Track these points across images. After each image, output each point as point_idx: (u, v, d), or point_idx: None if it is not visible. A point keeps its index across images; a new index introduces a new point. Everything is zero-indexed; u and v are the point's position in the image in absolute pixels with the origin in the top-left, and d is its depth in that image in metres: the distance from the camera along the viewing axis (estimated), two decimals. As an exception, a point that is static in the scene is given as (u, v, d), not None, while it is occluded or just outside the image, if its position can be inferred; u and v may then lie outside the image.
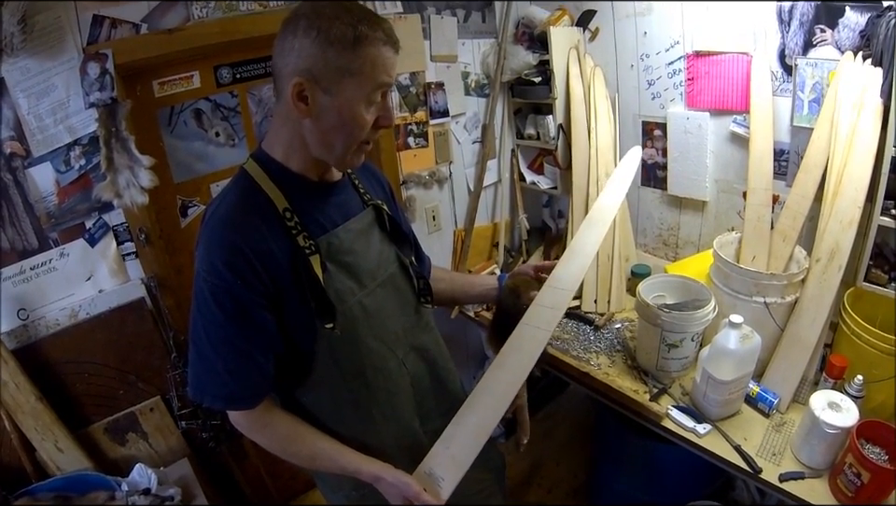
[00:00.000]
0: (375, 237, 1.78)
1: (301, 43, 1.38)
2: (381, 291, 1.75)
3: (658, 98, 3.15)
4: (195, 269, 1.50)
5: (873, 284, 2.36)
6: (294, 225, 1.53)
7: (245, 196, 1.53)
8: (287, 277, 1.51)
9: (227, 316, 1.46)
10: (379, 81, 1.46)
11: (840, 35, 2.39)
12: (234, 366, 1.51)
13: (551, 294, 1.88)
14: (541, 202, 4.21)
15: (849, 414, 1.99)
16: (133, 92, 2.48)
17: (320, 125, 1.47)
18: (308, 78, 1.39)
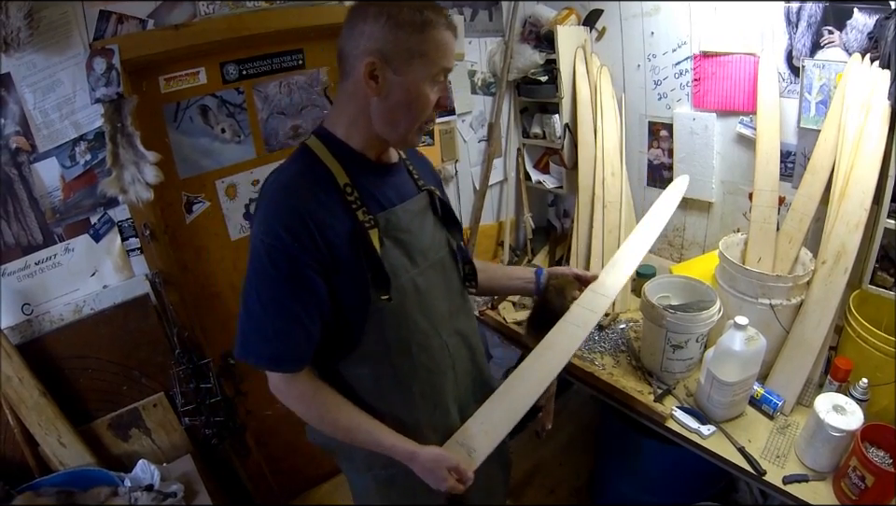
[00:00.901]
0: (429, 220, 1.83)
1: (372, 27, 1.47)
2: (431, 272, 1.79)
3: (665, 98, 3.15)
4: (252, 233, 1.54)
5: (878, 287, 2.36)
6: (354, 200, 1.58)
7: (307, 169, 1.59)
8: (344, 249, 1.55)
9: (281, 276, 1.50)
10: (443, 63, 1.56)
11: (848, 37, 2.39)
12: (282, 327, 1.55)
13: (592, 298, 2.07)
14: (547, 201, 4.21)
15: (854, 418, 1.99)
16: (139, 88, 2.47)
17: (388, 103, 1.55)
18: (379, 58, 1.48)
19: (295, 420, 3.29)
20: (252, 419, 3.16)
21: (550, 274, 2.18)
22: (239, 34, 2.54)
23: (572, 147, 3.45)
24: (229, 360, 2.97)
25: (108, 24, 2.27)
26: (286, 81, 2.88)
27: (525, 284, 2.23)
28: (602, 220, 3.24)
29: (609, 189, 3.24)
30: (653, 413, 2.42)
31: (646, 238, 2.27)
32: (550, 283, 2.13)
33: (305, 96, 2.96)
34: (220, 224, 2.87)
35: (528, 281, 2.21)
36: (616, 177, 3.25)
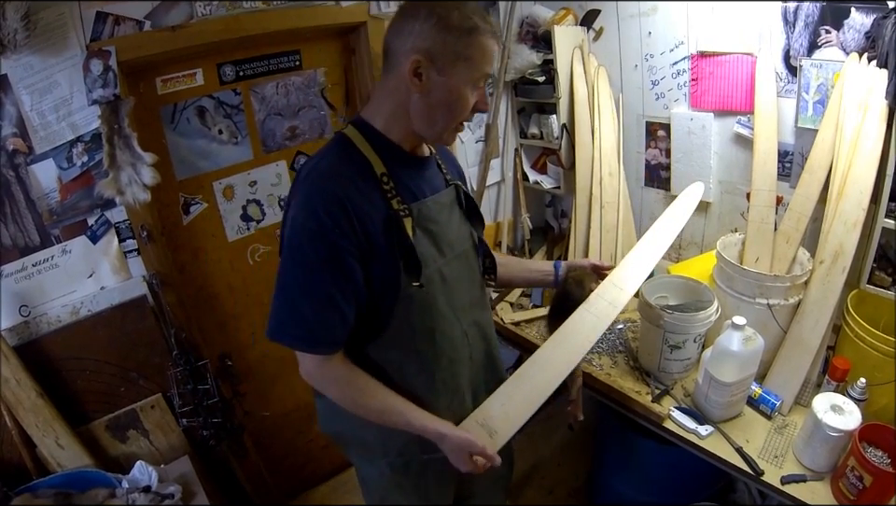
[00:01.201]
0: (455, 213, 1.89)
1: (422, 26, 1.54)
2: (456, 263, 1.85)
3: (662, 98, 3.14)
4: (289, 217, 1.59)
5: (876, 286, 2.36)
6: (390, 189, 1.64)
7: (344, 156, 1.65)
8: (379, 235, 1.60)
9: (320, 260, 1.54)
10: (485, 69, 1.63)
11: (845, 37, 2.39)
12: (319, 309, 1.58)
13: (611, 290, 2.13)
14: (544, 201, 4.21)
15: (852, 417, 1.99)
16: (136, 90, 2.47)
17: (429, 101, 1.61)
18: (426, 57, 1.54)
19: (293, 421, 3.31)
20: (250, 420, 3.16)
21: (568, 266, 2.27)
22: (236, 35, 2.53)
23: (570, 148, 3.45)
24: (226, 361, 2.97)
25: (105, 26, 2.27)
26: (283, 82, 2.88)
27: (543, 276, 2.31)
28: (600, 220, 3.25)
29: (606, 189, 3.24)
30: (651, 413, 2.42)
31: (661, 241, 2.31)
32: (569, 274, 2.22)
33: (302, 97, 2.96)
34: (218, 225, 2.86)
35: (547, 274, 2.29)
36: (613, 178, 3.26)
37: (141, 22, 2.34)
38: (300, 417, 3.45)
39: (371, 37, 2.91)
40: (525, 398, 1.86)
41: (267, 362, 3.21)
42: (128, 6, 2.29)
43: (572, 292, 2.14)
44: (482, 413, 1.85)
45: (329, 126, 3.10)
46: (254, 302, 3.08)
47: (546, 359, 1.95)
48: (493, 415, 1.83)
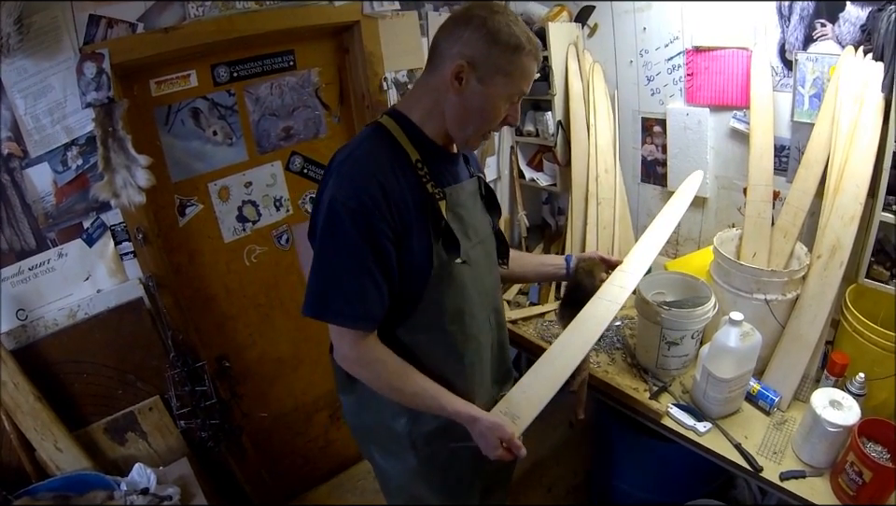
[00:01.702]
0: (478, 202, 1.98)
1: (472, 35, 1.62)
2: (480, 248, 1.93)
3: (657, 94, 3.14)
4: (325, 199, 1.64)
5: (874, 280, 2.35)
6: (424, 175, 1.72)
7: (382, 143, 1.72)
8: (413, 219, 1.68)
9: (361, 237, 1.60)
10: (522, 87, 1.71)
11: (841, 30, 2.39)
12: (360, 285, 1.65)
13: (621, 276, 2.23)
14: (541, 199, 4.20)
15: (851, 413, 1.99)
16: (130, 92, 2.46)
17: (464, 104, 1.69)
18: (469, 63, 1.62)
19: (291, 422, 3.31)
20: (248, 421, 3.16)
21: (579, 258, 2.34)
22: (229, 36, 2.53)
23: (565, 145, 3.44)
24: (224, 363, 2.97)
25: (98, 29, 2.26)
26: (277, 83, 2.88)
27: (556, 270, 2.38)
28: (596, 217, 3.25)
29: (602, 185, 3.24)
30: (649, 410, 2.43)
31: (661, 231, 2.38)
32: (579, 266, 2.30)
33: (297, 97, 2.95)
34: (213, 227, 2.85)
35: (559, 267, 2.36)
36: (609, 174, 3.26)
37: (134, 25, 2.33)
38: (298, 418, 3.45)
39: (365, 36, 2.91)
40: (544, 382, 1.92)
41: (265, 363, 3.21)
42: (121, 8, 2.28)
43: (583, 282, 2.23)
44: (504, 403, 1.90)
45: (323, 126, 3.09)
46: (251, 303, 3.08)
47: (564, 346, 2.02)
48: (516, 403, 1.88)
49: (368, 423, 2.03)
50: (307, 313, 1.69)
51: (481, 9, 1.65)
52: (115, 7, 2.28)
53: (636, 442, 2.78)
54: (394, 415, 1.91)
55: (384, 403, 1.89)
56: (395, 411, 1.90)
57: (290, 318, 3.24)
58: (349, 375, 1.93)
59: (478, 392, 1.97)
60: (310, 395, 3.45)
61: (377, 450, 2.09)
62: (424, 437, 1.94)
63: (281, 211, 3.06)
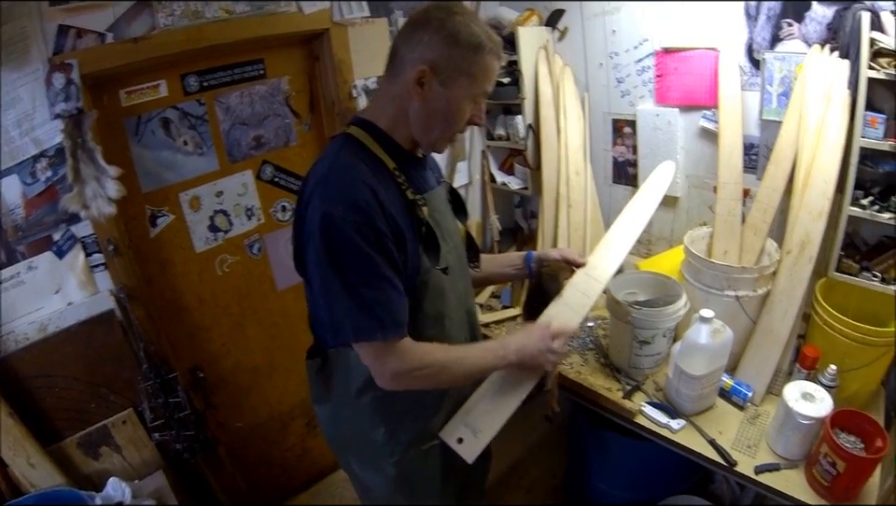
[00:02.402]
0: (449, 207, 1.99)
1: (432, 38, 1.61)
2: (454, 253, 1.92)
3: (627, 95, 3.18)
4: (317, 217, 1.57)
5: (844, 274, 2.37)
6: (402, 181, 1.71)
7: (357, 154, 1.68)
8: (402, 223, 1.66)
9: (371, 247, 1.57)
10: (485, 87, 1.72)
11: (807, 29, 2.42)
12: (381, 294, 1.61)
13: (585, 281, 2.16)
14: (513, 202, 4.23)
15: (823, 404, 2.00)
16: (100, 102, 2.45)
17: (427, 109, 1.68)
18: (430, 68, 1.62)
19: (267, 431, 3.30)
20: (224, 432, 3.14)
21: (539, 258, 2.27)
22: (199, 45, 2.52)
23: (536, 148, 3.47)
24: (198, 374, 2.95)
25: (67, 39, 2.25)
26: (247, 92, 2.87)
27: (516, 270, 2.34)
28: (567, 220, 3.26)
29: (573, 188, 3.26)
30: (622, 409, 2.43)
31: (634, 226, 2.32)
32: (542, 270, 2.23)
33: (267, 106, 2.95)
34: (185, 237, 2.84)
35: (521, 267, 2.31)
36: (580, 176, 3.27)
37: (103, 35, 2.32)
38: (274, 427, 3.43)
39: (334, 44, 2.91)
40: (505, 396, 1.91)
41: (239, 373, 3.19)
42: (90, 18, 2.27)
43: (546, 286, 2.17)
44: (464, 413, 1.90)
45: (294, 134, 3.09)
46: (223, 312, 3.06)
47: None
48: (475, 414, 1.88)
49: (345, 434, 2.00)
50: (339, 342, 1.67)
51: (438, 11, 1.65)
52: (84, 17, 2.27)
53: (611, 442, 2.79)
54: (372, 426, 1.89)
55: (361, 413, 1.88)
56: (373, 421, 1.88)
57: (263, 327, 3.23)
58: (324, 385, 1.95)
59: (454, 393, 1.96)
60: (285, 404, 3.43)
61: (355, 461, 2.07)
62: (402, 446, 1.91)
63: (252, 220, 3.04)
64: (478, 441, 1.83)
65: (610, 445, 2.82)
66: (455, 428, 1.88)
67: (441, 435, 1.90)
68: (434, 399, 1.91)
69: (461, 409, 1.92)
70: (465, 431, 1.85)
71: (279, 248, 3.13)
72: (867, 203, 2.25)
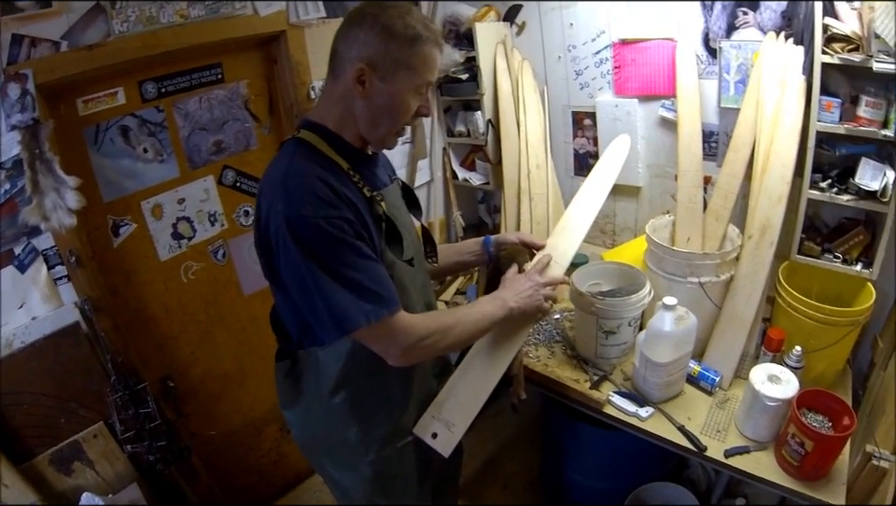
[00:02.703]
0: (403, 203, 2.01)
1: (367, 35, 1.61)
2: (412, 247, 1.94)
3: (586, 88, 3.20)
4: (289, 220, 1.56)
5: (806, 256, 2.41)
6: (358, 180, 1.72)
7: (310, 156, 1.68)
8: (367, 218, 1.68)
9: (349, 236, 1.59)
10: (427, 77, 1.71)
11: (762, 17, 2.46)
12: (372, 273, 1.63)
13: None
14: (476, 198, 4.25)
15: (789, 386, 2.03)
16: (57, 112, 2.41)
17: (371, 106, 1.68)
18: (368, 65, 1.62)
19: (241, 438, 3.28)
20: (198, 441, 3.11)
21: (497, 242, 2.30)
22: (155, 51, 2.49)
23: (496, 143, 3.49)
24: (168, 383, 2.92)
25: (21, 48, 2.20)
26: (205, 97, 2.84)
27: (475, 257, 2.35)
28: (530, 213, 3.28)
29: (534, 181, 3.28)
30: (590, 400, 2.43)
31: (591, 204, 2.34)
32: (500, 253, 2.24)
33: (226, 110, 2.93)
34: (148, 246, 2.81)
35: (479, 253, 2.34)
36: (541, 169, 3.29)
37: (58, 43, 2.28)
38: (248, 434, 3.42)
39: (291, 46, 2.90)
40: (474, 387, 1.95)
41: (209, 381, 3.17)
42: (44, 26, 2.23)
43: (505, 271, 2.13)
44: (436, 407, 1.93)
45: (254, 138, 3.07)
46: (191, 320, 3.03)
47: (489, 344, 2.01)
48: (447, 408, 1.90)
49: (318, 436, 1.99)
50: (344, 332, 1.64)
51: (371, 7, 1.65)
52: (37, 26, 2.23)
53: (583, 433, 2.80)
54: (345, 425, 1.89)
55: (332, 413, 1.87)
56: (346, 420, 1.88)
57: (232, 333, 3.21)
58: (293, 388, 1.95)
59: (419, 386, 1.98)
60: (258, 410, 3.41)
61: (329, 463, 2.07)
62: (376, 444, 1.92)
63: (216, 226, 3.02)
64: (452, 434, 1.85)
65: (583, 437, 2.83)
66: (429, 424, 1.90)
67: (415, 431, 1.92)
68: (403, 393, 1.92)
69: (432, 403, 1.94)
70: (438, 426, 1.88)
71: (244, 253, 3.11)
72: (826, 186, 2.29)
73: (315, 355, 1.81)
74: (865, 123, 2.15)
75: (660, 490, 2.84)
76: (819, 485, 1.96)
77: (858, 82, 2.20)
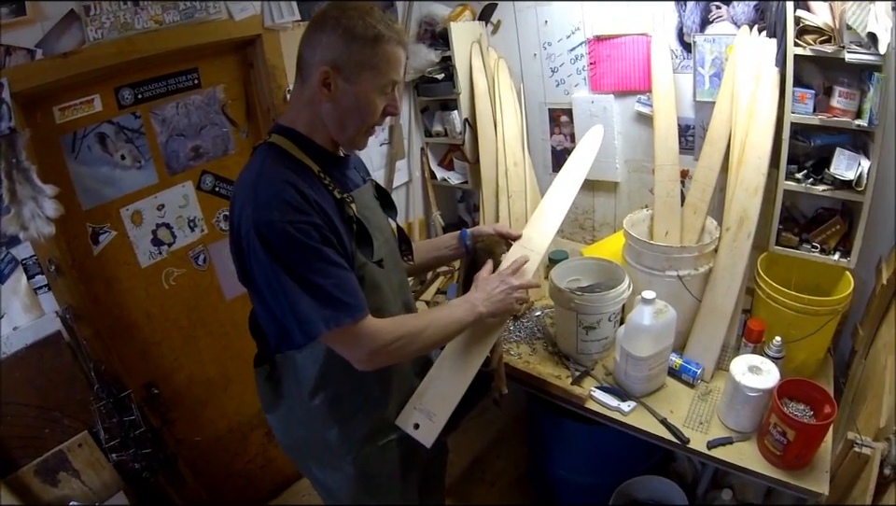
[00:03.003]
0: (377, 203, 2.03)
1: (329, 38, 1.62)
2: (385, 247, 1.94)
3: (562, 84, 3.21)
4: (257, 225, 1.57)
5: (784, 247, 2.43)
6: (329, 183, 1.73)
7: (281, 160, 1.70)
8: (336, 221, 1.68)
9: (315, 241, 1.59)
10: (392, 76, 1.72)
11: (735, 11, 2.49)
12: (337, 279, 1.63)
13: (521, 253, 2.14)
14: (455, 197, 4.26)
15: (770, 376, 2.05)
16: (34, 120, 2.39)
17: (338, 108, 1.69)
18: (333, 67, 1.63)
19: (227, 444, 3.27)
20: (184, 448, 3.09)
21: (474, 234, 2.30)
22: (130, 57, 2.48)
23: (473, 142, 3.50)
24: (152, 390, 2.91)
25: (-5, 58, 2.21)
26: (183, 102, 2.83)
27: (452, 251, 2.36)
28: (508, 210, 3.28)
29: (512, 179, 3.29)
30: (572, 396, 2.45)
31: (566, 194, 2.32)
32: (476, 245, 2.26)
33: (203, 115, 2.91)
34: (129, 252, 2.79)
35: (456, 248, 2.34)
36: (519, 167, 3.30)
37: (33, 51, 2.26)
38: (234, 439, 3.41)
39: (267, 50, 2.90)
40: (454, 377, 1.95)
41: (194, 386, 3.15)
42: (18, 35, 2.21)
43: (482, 262, 2.14)
44: (417, 398, 1.94)
45: (232, 142, 3.06)
46: (173, 326, 3.02)
47: (467, 335, 2.01)
48: (428, 399, 1.91)
49: (300, 437, 2.00)
50: (310, 339, 1.65)
51: (333, 10, 1.67)
52: (12, 34, 2.21)
53: (567, 429, 2.81)
54: (325, 426, 1.90)
55: (313, 415, 1.88)
56: (326, 421, 1.89)
57: (215, 338, 3.20)
58: (273, 391, 1.95)
59: (399, 385, 1.98)
60: (243, 414, 3.41)
61: (314, 464, 2.08)
62: (357, 443, 1.93)
63: (196, 231, 3.01)
64: (434, 424, 1.86)
65: (567, 432, 2.84)
66: (410, 415, 1.91)
67: (398, 422, 1.93)
68: (382, 392, 1.93)
69: (413, 394, 1.95)
70: (419, 416, 1.89)
71: (224, 258, 3.08)
72: (801, 177, 2.31)
73: (293, 358, 1.81)
74: (839, 113, 2.17)
75: (647, 483, 2.85)
76: (802, 474, 1.98)
77: (831, 73, 2.21)
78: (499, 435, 3.76)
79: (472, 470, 3.56)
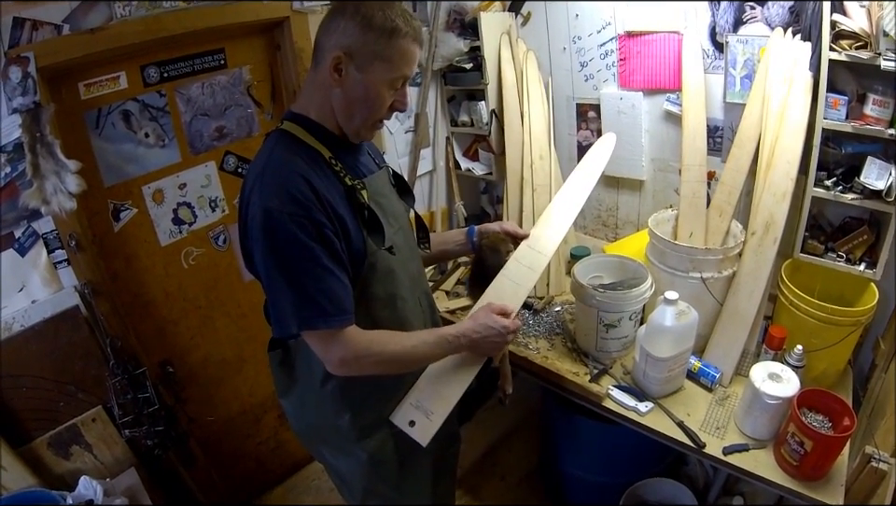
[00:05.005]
0: (392, 190, 2.02)
1: (347, 24, 1.62)
2: (401, 234, 1.95)
3: (591, 80, 3.18)
4: (257, 212, 1.59)
5: (809, 254, 2.40)
6: (340, 169, 1.73)
7: (292, 147, 1.70)
8: (343, 210, 1.68)
9: (310, 238, 1.59)
10: (403, 71, 1.71)
11: (770, 12, 2.45)
12: (323, 284, 1.63)
13: (529, 254, 2.15)
14: (479, 188, 4.24)
15: (790, 385, 2.03)
16: (59, 95, 2.39)
17: (347, 96, 1.69)
18: (346, 54, 1.63)
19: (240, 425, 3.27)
20: (196, 427, 3.11)
21: (481, 231, 2.30)
22: (157, 35, 2.48)
23: (499, 133, 3.47)
24: (167, 368, 2.92)
25: (23, 32, 2.19)
26: (208, 82, 2.82)
27: (462, 247, 2.35)
28: (532, 204, 3.26)
29: (537, 172, 3.26)
30: (590, 393, 2.44)
31: (576, 198, 2.31)
32: (483, 242, 2.26)
33: (228, 96, 2.91)
34: (149, 230, 2.80)
35: (464, 243, 2.34)
36: (545, 161, 3.27)
37: (60, 26, 2.26)
38: (246, 421, 3.42)
39: (295, 32, 2.88)
40: (454, 375, 1.93)
41: (209, 366, 3.17)
42: (46, 10, 2.22)
43: (487, 260, 2.19)
44: (414, 395, 1.92)
45: (256, 124, 3.05)
46: (191, 305, 3.03)
47: None
48: (426, 396, 1.90)
49: (313, 423, 2.02)
50: (286, 332, 1.67)
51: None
52: (40, 10, 2.21)
53: (581, 427, 2.81)
54: (336, 412, 1.91)
55: (324, 401, 1.89)
56: (336, 407, 1.90)
57: (231, 319, 3.21)
58: (287, 376, 1.97)
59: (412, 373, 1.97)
60: (257, 396, 3.41)
61: (327, 450, 2.09)
62: (368, 429, 1.93)
63: (217, 212, 3.01)
64: (431, 423, 1.85)
65: (581, 430, 2.83)
66: (406, 412, 1.90)
67: (392, 419, 1.92)
68: (393, 382, 1.92)
69: (411, 391, 1.94)
70: (416, 414, 1.88)
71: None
72: (830, 185, 2.28)
73: (306, 344, 1.79)
74: (872, 122, 2.14)
75: (657, 486, 2.84)
76: (817, 486, 1.97)
77: (865, 80, 2.18)
78: (512, 429, 3.76)
79: (483, 463, 3.56)
